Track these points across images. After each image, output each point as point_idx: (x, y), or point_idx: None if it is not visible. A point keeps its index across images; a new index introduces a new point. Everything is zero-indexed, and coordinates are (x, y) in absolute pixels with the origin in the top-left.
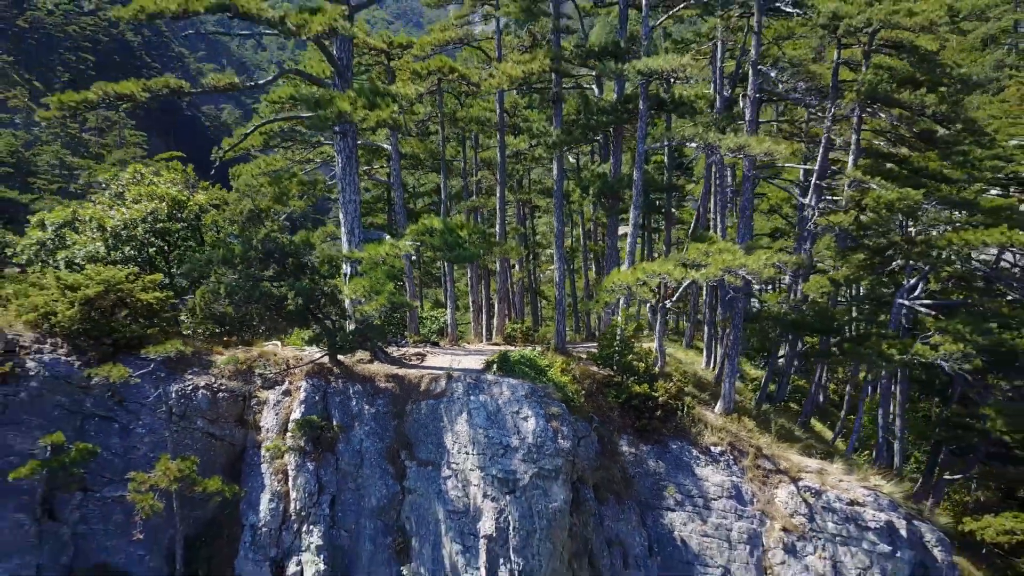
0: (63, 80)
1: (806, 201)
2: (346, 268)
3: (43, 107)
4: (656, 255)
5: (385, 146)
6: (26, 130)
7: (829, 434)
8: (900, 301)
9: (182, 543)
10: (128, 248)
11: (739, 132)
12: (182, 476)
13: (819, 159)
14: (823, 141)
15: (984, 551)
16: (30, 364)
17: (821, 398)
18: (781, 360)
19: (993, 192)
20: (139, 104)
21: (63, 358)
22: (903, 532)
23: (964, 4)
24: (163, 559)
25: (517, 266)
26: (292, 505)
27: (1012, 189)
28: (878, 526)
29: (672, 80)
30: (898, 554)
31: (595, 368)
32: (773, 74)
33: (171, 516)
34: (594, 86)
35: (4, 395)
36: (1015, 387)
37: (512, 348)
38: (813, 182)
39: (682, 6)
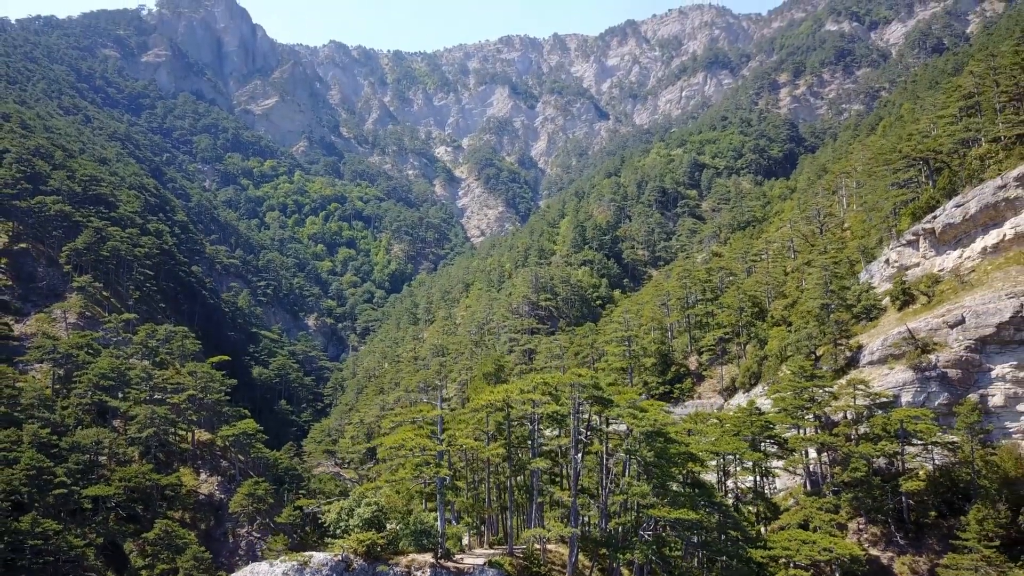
0: (134, 297)
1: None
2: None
3: (123, 323)
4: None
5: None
6: (115, 346)
7: None
8: (641, 532)
9: None
10: (367, 524)
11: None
12: None
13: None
14: (612, 468)
15: None
16: (355, 565)
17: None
18: None
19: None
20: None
21: (361, 562)
22: None
23: (670, 418)
24: None
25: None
26: None
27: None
28: None
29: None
30: None
31: (523, 561)
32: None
33: None
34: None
35: (351, 574)
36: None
37: (493, 551)
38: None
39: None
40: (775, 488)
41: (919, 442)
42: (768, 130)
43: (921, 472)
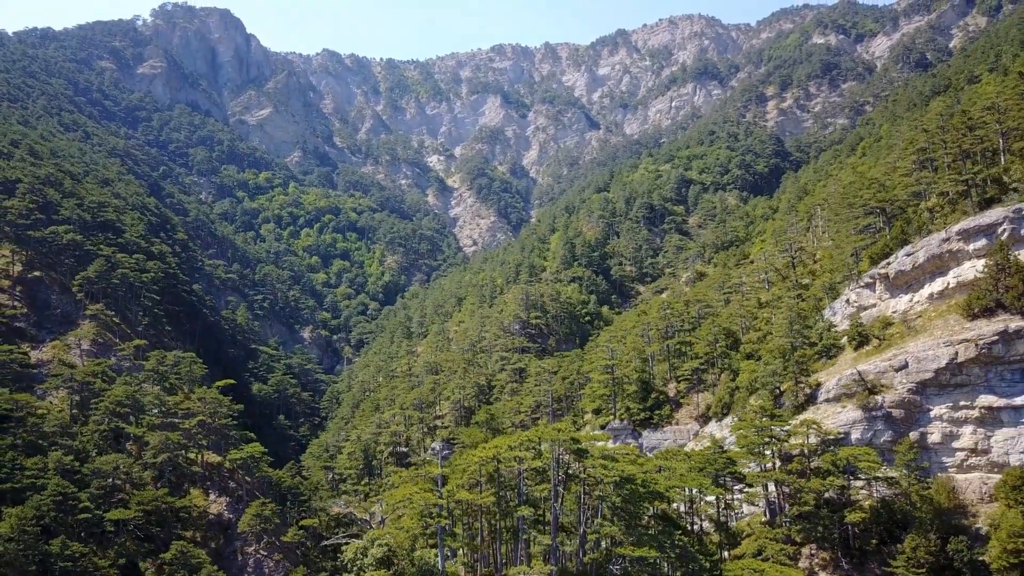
0: (144, 324)
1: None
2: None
3: (134, 349)
4: None
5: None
6: (128, 372)
7: None
8: (611, 567)
9: None
10: (379, 563)
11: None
12: None
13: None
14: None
15: None
16: None
17: None
18: None
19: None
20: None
21: None
22: None
23: (639, 461)
24: None
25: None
26: None
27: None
28: None
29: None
30: None
31: None
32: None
33: None
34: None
35: None
36: None
37: None
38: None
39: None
40: (741, 513)
41: (863, 476)
42: (755, 145)
43: (866, 503)
